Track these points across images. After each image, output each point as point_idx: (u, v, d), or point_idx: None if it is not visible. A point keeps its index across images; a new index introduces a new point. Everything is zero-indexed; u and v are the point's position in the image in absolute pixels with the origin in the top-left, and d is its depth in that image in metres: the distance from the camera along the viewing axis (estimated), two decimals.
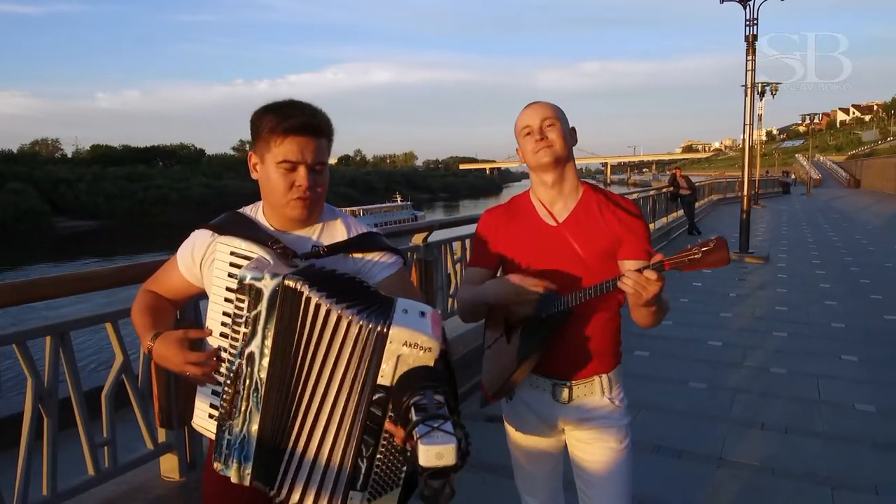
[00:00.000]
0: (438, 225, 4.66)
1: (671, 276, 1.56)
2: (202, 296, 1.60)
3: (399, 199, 55.86)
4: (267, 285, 1.27)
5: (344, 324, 1.25)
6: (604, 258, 1.78)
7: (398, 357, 1.20)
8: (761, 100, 25.10)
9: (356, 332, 1.24)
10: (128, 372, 2.46)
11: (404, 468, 1.25)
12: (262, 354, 1.28)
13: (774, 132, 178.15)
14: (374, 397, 1.22)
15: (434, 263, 4.39)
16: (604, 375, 1.84)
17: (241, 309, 1.30)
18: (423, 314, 1.25)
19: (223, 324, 1.36)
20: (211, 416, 1.41)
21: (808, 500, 3.12)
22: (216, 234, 1.47)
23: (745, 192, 12.36)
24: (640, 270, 1.55)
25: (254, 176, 1.50)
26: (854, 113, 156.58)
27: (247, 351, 1.29)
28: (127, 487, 2.50)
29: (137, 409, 2.51)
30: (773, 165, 74.45)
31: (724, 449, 3.69)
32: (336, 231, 1.55)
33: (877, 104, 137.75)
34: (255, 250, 1.37)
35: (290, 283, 1.26)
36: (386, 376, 1.21)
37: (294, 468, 1.30)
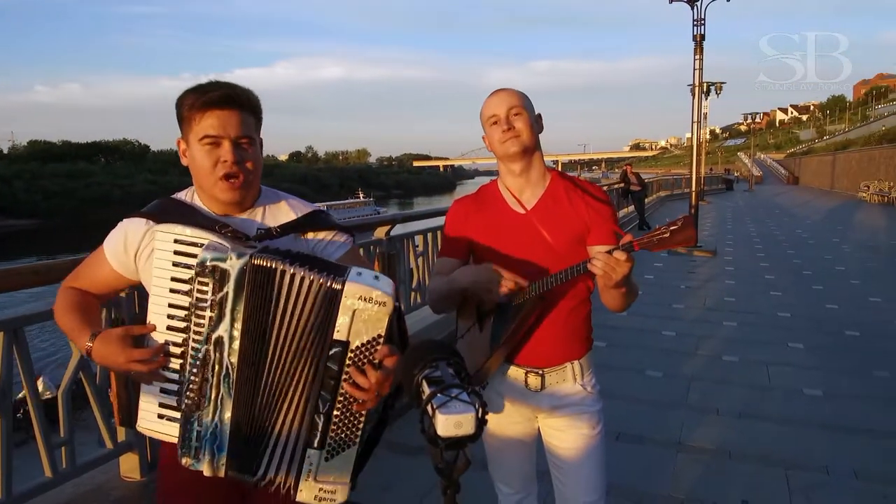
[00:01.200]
0: (402, 218, 4.64)
1: None
2: (142, 292, 1.53)
3: (361, 195, 58.49)
4: (233, 265, 1.24)
5: (306, 284, 1.24)
6: (573, 244, 1.80)
7: (354, 311, 1.21)
8: (706, 99, 25.80)
9: (316, 289, 1.24)
10: (86, 369, 2.36)
11: (362, 427, 1.28)
12: (231, 338, 1.25)
13: (717, 131, 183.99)
14: (331, 352, 1.24)
15: (397, 257, 4.37)
16: (575, 362, 1.85)
17: (203, 293, 1.25)
18: (377, 277, 1.26)
19: (170, 316, 1.30)
20: (161, 417, 1.34)
21: (764, 481, 3.23)
22: (151, 222, 1.40)
23: (694, 188, 12.73)
24: (609, 252, 1.56)
25: (184, 162, 1.44)
26: (792, 113, 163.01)
27: (214, 336, 1.25)
28: (85, 489, 2.41)
29: (96, 408, 2.42)
30: (717, 163, 76.89)
31: (682, 434, 3.80)
32: (281, 213, 1.48)
33: (813, 104, 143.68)
34: (202, 236, 1.30)
35: (259, 261, 1.24)
36: (342, 331, 1.22)
37: (271, 446, 1.30)
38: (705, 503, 3.02)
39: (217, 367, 1.26)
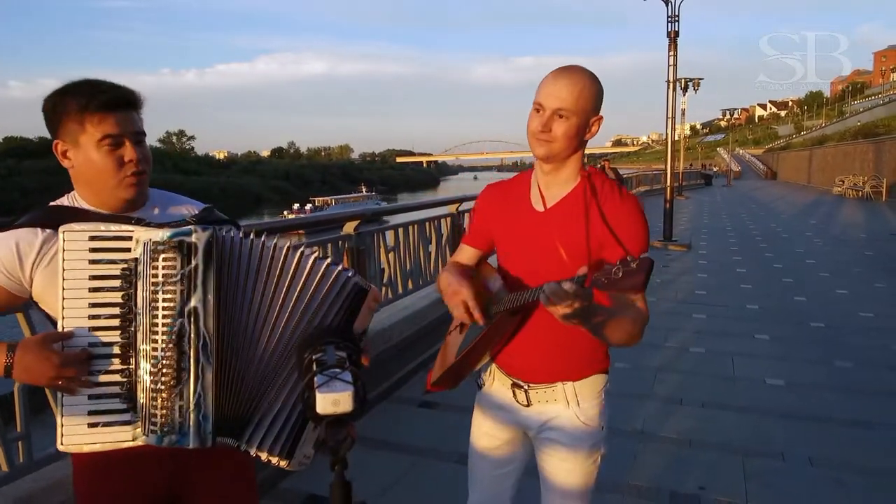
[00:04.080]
0: (371, 213, 4.65)
1: None
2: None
3: (364, 189, 63.54)
4: (200, 238, 1.26)
5: (294, 257, 1.31)
6: (583, 256, 1.56)
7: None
8: (684, 95, 26.02)
9: (309, 264, 1.31)
10: None
11: None
12: (205, 307, 1.26)
13: (697, 126, 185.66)
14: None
15: (366, 252, 4.39)
16: (569, 383, 1.66)
17: (171, 269, 1.25)
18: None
19: (94, 317, 1.29)
20: (94, 425, 1.28)
21: (721, 469, 3.31)
22: (47, 230, 1.34)
23: (668, 184, 12.87)
24: (559, 283, 1.32)
25: (66, 164, 1.39)
26: (771, 108, 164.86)
27: (187, 308, 1.25)
28: (45, 484, 2.40)
29: (53, 403, 2.42)
30: (697, 159, 77.66)
31: (645, 424, 3.88)
32: (176, 211, 1.50)
33: (791, 100, 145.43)
34: (124, 230, 1.31)
35: (222, 233, 1.30)
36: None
37: (262, 410, 1.31)
38: (663, 490, 3.09)
39: (194, 337, 1.26)
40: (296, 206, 48.91)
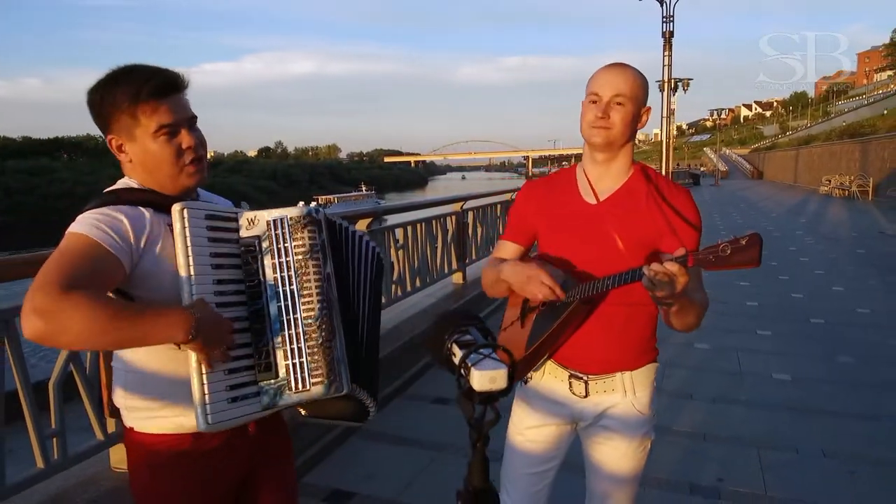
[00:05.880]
0: (383, 211, 4.67)
1: None
2: None
3: (364, 188, 64.87)
4: (321, 217, 1.44)
5: (358, 237, 1.54)
6: (641, 247, 1.60)
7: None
8: (674, 95, 26.22)
9: (372, 252, 1.57)
10: (75, 360, 2.36)
11: None
12: (331, 274, 1.42)
13: (684, 127, 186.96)
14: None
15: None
16: (626, 373, 1.69)
17: (313, 239, 1.37)
18: None
19: (218, 293, 1.29)
20: (235, 399, 1.27)
21: (737, 461, 3.36)
22: (150, 209, 1.33)
23: None
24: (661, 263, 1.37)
25: (123, 159, 1.37)
26: (756, 109, 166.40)
27: (325, 273, 1.39)
28: (76, 481, 2.41)
29: (86, 399, 2.42)
30: (684, 159, 78.27)
31: (659, 419, 3.87)
32: (217, 202, 1.54)
33: (776, 101, 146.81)
34: (228, 210, 1.40)
35: (329, 217, 1.49)
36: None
37: (364, 363, 1.49)
38: (683, 482, 3.13)
39: (333, 298, 1.40)
40: (300, 203, 49.23)
